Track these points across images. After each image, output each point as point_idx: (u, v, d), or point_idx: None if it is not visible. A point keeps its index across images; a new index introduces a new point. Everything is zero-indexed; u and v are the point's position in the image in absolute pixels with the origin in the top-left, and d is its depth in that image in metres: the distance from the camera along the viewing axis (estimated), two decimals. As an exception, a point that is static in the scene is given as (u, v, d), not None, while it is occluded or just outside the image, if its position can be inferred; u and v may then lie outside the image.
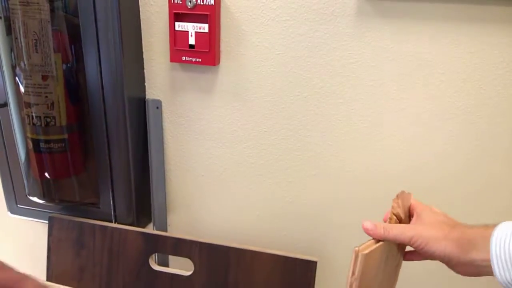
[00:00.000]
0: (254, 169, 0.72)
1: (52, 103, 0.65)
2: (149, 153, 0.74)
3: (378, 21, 0.58)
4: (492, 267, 0.35)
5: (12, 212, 0.81)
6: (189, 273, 0.69)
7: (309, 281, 0.65)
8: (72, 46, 0.65)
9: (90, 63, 0.64)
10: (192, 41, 0.63)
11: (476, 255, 0.37)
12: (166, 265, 0.78)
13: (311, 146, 0.68)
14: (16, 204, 0.80)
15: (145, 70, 0.70)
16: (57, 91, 0.66)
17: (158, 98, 0.71)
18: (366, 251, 0.39)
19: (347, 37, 0.60)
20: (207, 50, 0.63)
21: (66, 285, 0.74)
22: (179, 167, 0.76)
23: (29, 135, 0.68)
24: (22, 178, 0.75)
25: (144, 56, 0.69)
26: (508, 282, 0.35)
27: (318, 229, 0.73)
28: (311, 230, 0.73)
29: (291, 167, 0.70)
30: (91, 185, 0.74)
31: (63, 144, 0.69)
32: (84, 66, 0.65)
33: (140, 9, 0.66)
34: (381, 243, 0.41)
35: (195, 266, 0.69)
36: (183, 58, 0.65)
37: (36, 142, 0.68)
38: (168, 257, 0.78)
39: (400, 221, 0.44)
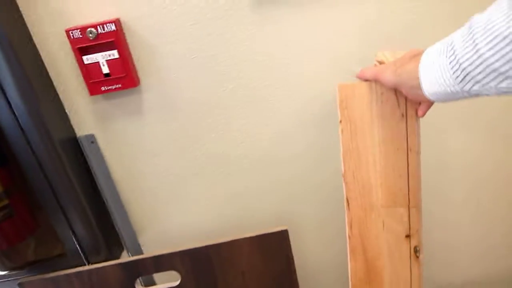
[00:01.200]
0: (202, 170, 0.75)
1: (-19, 175, 0.62)
2: (98, 186, 0.74)
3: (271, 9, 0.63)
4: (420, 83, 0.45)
5: (-26, 294, 0.77)
6: (177, 283, 0.73)
7: (286, 249, 0.72)
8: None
9: (4, 116, 0.61)
10: (105, 70, 0.63)
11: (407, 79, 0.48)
12: (153, 284, 0.80)
13: (245, 134, 0.73)
14: (-24, 284, 0.76)
15: (66, 109, 0.69)
16: (-20, 160, 0.62)
17: (90, 133, 0.70)
18: (344, 84, 0.57)
19: (251, 26, 0.64)
20: (124, 75, 0.63)
21: None
22: (134, 189, 0.77)
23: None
24: (-26, 257, 0.71)
25: (61, 96, 0.67)
26: (430, 94, 0.45)
27: (275, 204, 0.80)
28: (270, 206, 0.80)
29: (232, 159, 0.75)
30: (51, 238, 0.72)
31: (8, 210, 0.66)
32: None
33: (40, 49, 0.64)
34: (362, 82, 0.57)
35: (181, 274, 0.72)
36: (102, 88, 0.64)
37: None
38: (152, 276, 0.81)
39: None
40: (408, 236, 0.65)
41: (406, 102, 0.58)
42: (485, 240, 0.86)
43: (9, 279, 0.75)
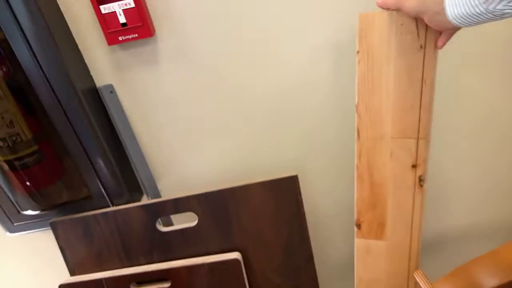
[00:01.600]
0: (217, 119, 0.79)
1: (11, 121, 0.67)
2: (118, 135, 0.78)
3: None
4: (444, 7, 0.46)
5: (10, 232, 0.85)
6: (195, 223, 0.79)
7: (295, 193, 0.76)
8: (7, 59, 0.65)
9: (30, 69, 0.64)
10: (122, 19, 0.65)
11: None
12: (171, 224, 0.87)
13: (261, 84, 0.75)
14: (12, 223, 0.83)
15: (86, 60, 0.71)
16: (10, 108, 0.67)
17: (108, 83, 0.73)
18: (365, 13, 0.58)
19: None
20: (140, 24, 0.65)
21: (89, 273, 0.82)
22: (152, 137, 0.81)
23: (1, 158, 0.70)
24: (8, 199, 0.77)
25: (80, 47, 0.70)
26: (454, 18, 0.46)
27: (284, 151, 0.83)
28: (284, 154, 0.84)
29: (247, 108, 0.77)
30: (78, 181, 0.78)
31: (37, 155, 0.71)
32: (25, 73, 0.65)
33: (59, 1, 0.66)
34: (384, 11, 0.57)
35: (198, 216, 0.78)
36: (120, 38, 0.67)
37: (10, 163, 0.70)
38: (170, 217, 0.87)
39: None
40: (414, 166, 0.68)
41: (426, 33, 0.58)
42: (493, 178, 0.87)
43: (42, 219, 0.82)
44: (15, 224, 0.83)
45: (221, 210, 0.78)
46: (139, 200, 0.85)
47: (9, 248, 0.96)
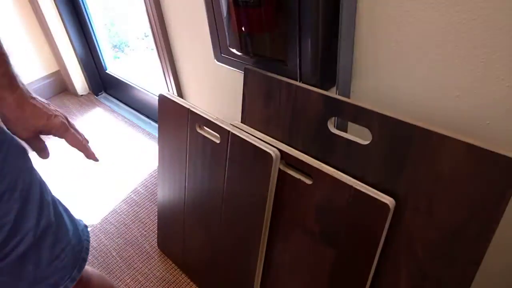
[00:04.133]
0: (465, 40, 0.59)
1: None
2: (340, 14, 0.69)
3: None
4: None
5: (217, 60, 0.94)
6: (366, 142, 0.69)
7: (505, 182, 0.56)
8: None
9: None
10: None
11: None
12: (345, 131, 0.80)
13: None
14: (220, 53, 0.91)
15: None
16: None
17: None
18: None
19: None
20: None
21: (254, 127, 0.87)
22: (371, 31, 0.68)
23: (230, -12, 0.71)
24: (224, 31, 0.83)
25: None
26: None
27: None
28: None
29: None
30: (281, 43, 0.76)
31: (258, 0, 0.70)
32: None
33: None
34: None
35: (373, 137, 0.68)
36: None
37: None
38: (347, 124, 0.79)
39: None
40: None
41: None
42: None
43: (241, 61, 0.86)
44: (222, 55, 0.91)
45: (402, 146, 0.64)
46: (326, 90, 0.79)
47: (213, 72, 1.10)
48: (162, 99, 0.99)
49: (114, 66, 2.15)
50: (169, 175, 1.09)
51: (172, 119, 0.99)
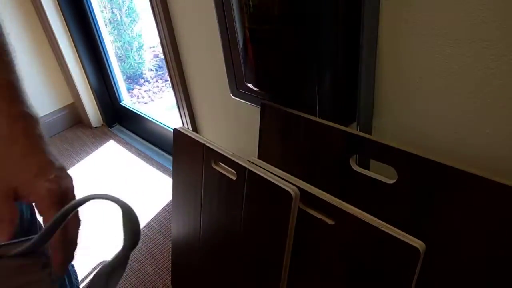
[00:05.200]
0: (493, 76, 0.57)
1: (268, -9, 0.65)
2: (360, 48, 0.68)
3: None
4: None
5: (233, 95, 0.94)
6: (392, 181, 0.67)
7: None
8: None
9: None
10: None
11: None
12: (367, 168, 0.77)
13: None
14: (236, 87, 0.91)
15: None
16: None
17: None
18: None
19: None
20: None
21: (270, 162, 0.85)
22: (393, 66, 0.67)
23: (246, 24, 0.72)
24: (241, 65, 0.83)
25: None
26: None
27: None
28: None
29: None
30: (299, 78, 0.75)
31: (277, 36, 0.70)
32: None
33: None
34: None
35: (399, 175, 0.65)
36: None
37: (252, 32, 0.72)
38: (369, 161, 0.77)
39: None
40: None
41: None
42: None
43: (258, 96, 0.86)
44: (238, 89, 0.91)
45: (429, 184, 0.62)
46: (347, 126, 0.77)
47: (229, 107, 1.10)
48: (177, 134, 0.98)
49: (128, 98, 2.18)
50: (184, 211, 1.07)
51: (187, 154, 0.98)
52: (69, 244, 0.39)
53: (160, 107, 2.05)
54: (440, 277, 0.64)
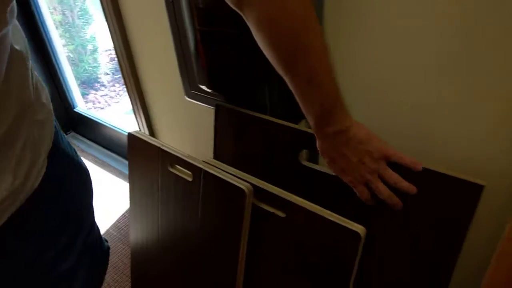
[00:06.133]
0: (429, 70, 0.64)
1: (215, -5, 0.69)
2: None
3: None
4: None
5: (187, 97, 0.97)
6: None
7: (469, 207, 0.59)
8: None
9: None
10: None
11: None
12: (316, 163, 0.83)
13: None
14: (190, 89, 0.94)
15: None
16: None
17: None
18: None
19: None
20: None
21: (227, 163, 0.89)
22: (342, 67, 0.73)
23: (197, 26, 0.75)
24: (193, 68, 0.86)
25: None
26: None
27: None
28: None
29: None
30: (250, 78, 0.79)
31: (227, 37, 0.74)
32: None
33: None
34: None
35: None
36: None
37: (202, 34, 0.75)
38: (318, 156, 0.82)
39: None
40: None
41: None
42: None
43: (212, 97, 0.89)
44: (192, 91, 0.94)
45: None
46: (297, 123, 0.82)
47: (184, 109, 1.12)
48: (132, 138, 1.00)
49: (82, 104, 2.14)
50: (142, 216, 1.08)
51: (143, 158, 0.99)
52: None
53: (118, 111, 2.03)
54: (381, 260, 0.70)
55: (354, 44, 0.69)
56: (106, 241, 0.82)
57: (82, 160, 0.68)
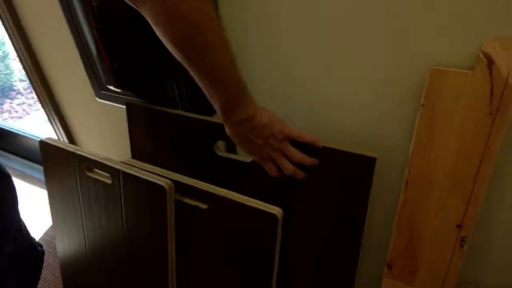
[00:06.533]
0: (319, 60, 0.68)
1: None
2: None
3: None
4: None
5: (98, 97, 0.94)
6: (249, 160, 0.75)
7: (366, 178, 0.65)
8: None
9: None
10: None
11: None
12: (233, 152, 0.85)
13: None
14: (100, 90, 0.91)
15: None
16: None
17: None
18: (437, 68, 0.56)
19: None
20: None
21: (145, 161, 0.88)
22: (241, 62, 0.75)
23: (93, 25, 0.73)
24: (98, 69, 0.84)
25: None
26: None
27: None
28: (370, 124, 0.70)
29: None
30: (157, 74, 0.79)
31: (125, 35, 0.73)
32: None
33: None
34: (457, 70, 0.57)
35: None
36: None
37: (100, 32, 0.73)
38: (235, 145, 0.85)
39: None
40: (459, 226, 0.66)
41: (501, 100, 0.55)
42: None
43: (123, 96, 0.88)
44: (102, 92, 0.92)
45: (280, 159, 0.71)
46: (210, 116, 0.84)
47: (97, 111, 1.09)
48: (44, 145, 0.95)
49: (-4, 114, 1.99)
50: (65, 225, 1.04)
51: (59, 166, 0.96)
52: None
53: (38, 119, 1.91)
54: (298, 238, 0.75)
55: (250, 35, 0.72)
56: (41, 246, 0.80)
57: (3, 166, 0.65)
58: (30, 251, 0.74)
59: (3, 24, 1.11)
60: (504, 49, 0.53)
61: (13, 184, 0.68)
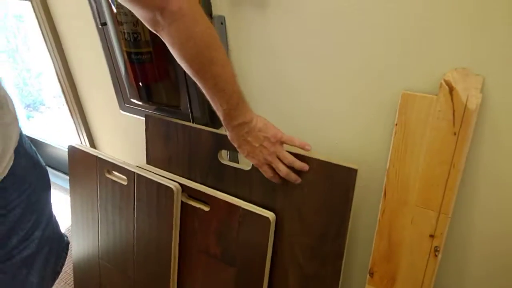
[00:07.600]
0: (315, 83, 0.80)
1: (136, 21, 0.82)
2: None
3: None
4: None
5: (122, 110, 1.08)
6: (248, 168, 0.86)
7: (348, 187, 0.75)
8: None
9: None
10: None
11: None
12: (237, 162, 0.96)
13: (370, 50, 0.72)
14: (124, 103, 1.05)
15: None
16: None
17: (222, 14, 0.81)
18: (407, 93, 0.68)
19: None
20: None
21: (159, 167, 1.00)
22: (244, 78, 0.88)
23: (124, 48, 0.87)
24: (124, 85, 0.98)
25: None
26: None
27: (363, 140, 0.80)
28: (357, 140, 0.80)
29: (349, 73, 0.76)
30: (174, 91, 0.93)
31: (150, 56, 0.86)
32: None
33: None
34: (425, 95, 0.67)
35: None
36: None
37: (129, 54, 0.87)
38: (237, 155, 0.96)
39: None
40: (432, 236, 0.74)
41: (462, 123, 0.65)
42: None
43: (143, 109, 1.01)
44: (125, 105, 1.05)
45: (274, 168, 0.82)
46: (217, 128, 0.96)
47: (120, 122, 1.23)
48: (72, 150, 1.08)
49: (27, 126, 2.16)
50: (82, 224, 1.16)
51: (83, 169, 1.08)
52: None
53: (62, 130, 2.09)
54: (290, 243, 0.84)
55: (250, 57, 0.84)
56: (66, 236, 0.91)
57: (41, 159, 0.78)
58: (57, 238, 0.85)
59: (47, 47, 1.29)
60: (462, 77, 0.63)
61: (48, 175, 0.80)
